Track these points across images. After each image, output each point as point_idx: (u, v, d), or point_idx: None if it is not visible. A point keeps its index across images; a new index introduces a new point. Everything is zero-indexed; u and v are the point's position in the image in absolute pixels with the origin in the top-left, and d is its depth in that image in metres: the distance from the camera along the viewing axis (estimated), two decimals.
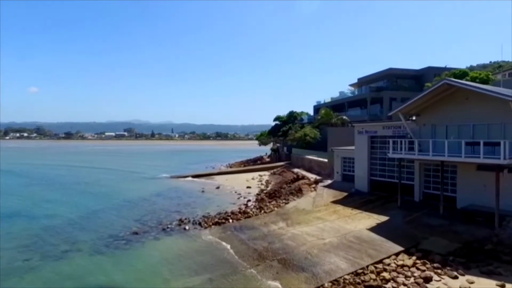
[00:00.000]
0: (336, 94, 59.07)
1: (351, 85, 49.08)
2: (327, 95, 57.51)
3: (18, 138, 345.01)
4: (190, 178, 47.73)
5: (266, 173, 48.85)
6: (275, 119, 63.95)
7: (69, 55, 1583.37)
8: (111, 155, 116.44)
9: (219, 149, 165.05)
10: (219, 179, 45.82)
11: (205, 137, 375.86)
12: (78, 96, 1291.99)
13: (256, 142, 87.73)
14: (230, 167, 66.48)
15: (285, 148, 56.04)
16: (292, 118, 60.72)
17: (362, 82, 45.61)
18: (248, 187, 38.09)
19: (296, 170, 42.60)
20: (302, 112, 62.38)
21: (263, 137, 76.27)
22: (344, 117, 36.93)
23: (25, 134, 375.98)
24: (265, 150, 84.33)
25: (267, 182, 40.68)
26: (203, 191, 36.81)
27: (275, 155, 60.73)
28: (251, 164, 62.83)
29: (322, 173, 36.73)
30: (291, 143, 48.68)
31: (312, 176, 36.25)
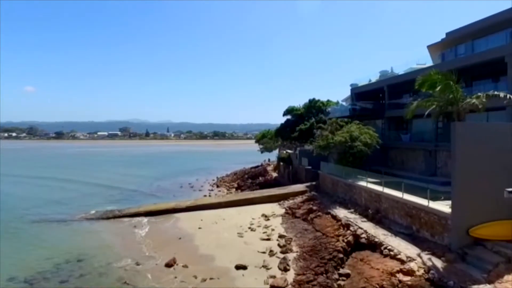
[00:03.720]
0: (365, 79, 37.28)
1: (431, 46, 27.06)
2: (343, 88, 35.22)
3: (6, 138, 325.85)
4: (135, 220, 25.71)
5: (276, 208, 26.71)
6: (287, 112, 41.66)
7: (66, 54, 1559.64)
8: (84, 159, 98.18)
9: (213, 152, 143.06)
10: (186, 224, 23.78)
11: (202, 136, 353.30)
12: (76, 96, 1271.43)
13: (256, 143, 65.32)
14: (217, 185, 44.34)
15: (305, 160, 33.93)
16: (314, 110, 38.79)
17: (460, 37, 23.49)
18: (240, 266, 15.98)
19: (341, 212, 20.41)
20: (328, 102, 40.31)
21: (267, 139, 53.80)
22: (504, 94, 14.38)
23: (14, 134, 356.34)
24: (269, 154, 62.15)
25: (284, 245, 18.37)
26: (127, 283, 14.85)
27: (286, 169, 38.64)
28: (249, 184, 40.42)
29: (425, 237, 14.58)
30: (321, 152, 26.58)
31: (402, 249, 14.12)
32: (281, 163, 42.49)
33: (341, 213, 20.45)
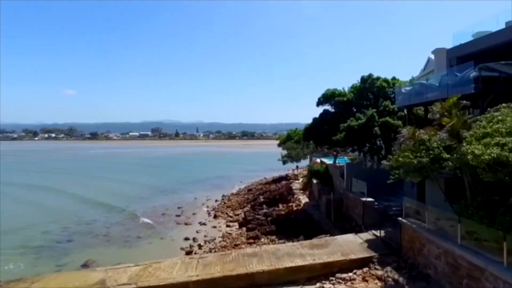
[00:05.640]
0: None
1: None
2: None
3: (46, 139, 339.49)
4: None
5: None
6: (324, 100, 24.97)
7: (104, 58, 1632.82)
8: (96, 162, 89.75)
9: (237, 153, 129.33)
10: None
11: (230, 136, 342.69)
12: (113, 98, 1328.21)
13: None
14: (215, 214, 29.32)
15: (359, 183, 18.19)
16: (372, 94, 22.62)
17: None
18: None
19: None
20: (395, 80, 23.69)
21: (292, 142, 37.73)
22: None
23: (53, 135, 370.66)
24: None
25: None
26: None
27: (323, 195, 22.92)
28: (261, 218, 23.77)
29: None
30: (409, 177, 10.74)
31: None
32: (314, 181, 26.84)
33: None
